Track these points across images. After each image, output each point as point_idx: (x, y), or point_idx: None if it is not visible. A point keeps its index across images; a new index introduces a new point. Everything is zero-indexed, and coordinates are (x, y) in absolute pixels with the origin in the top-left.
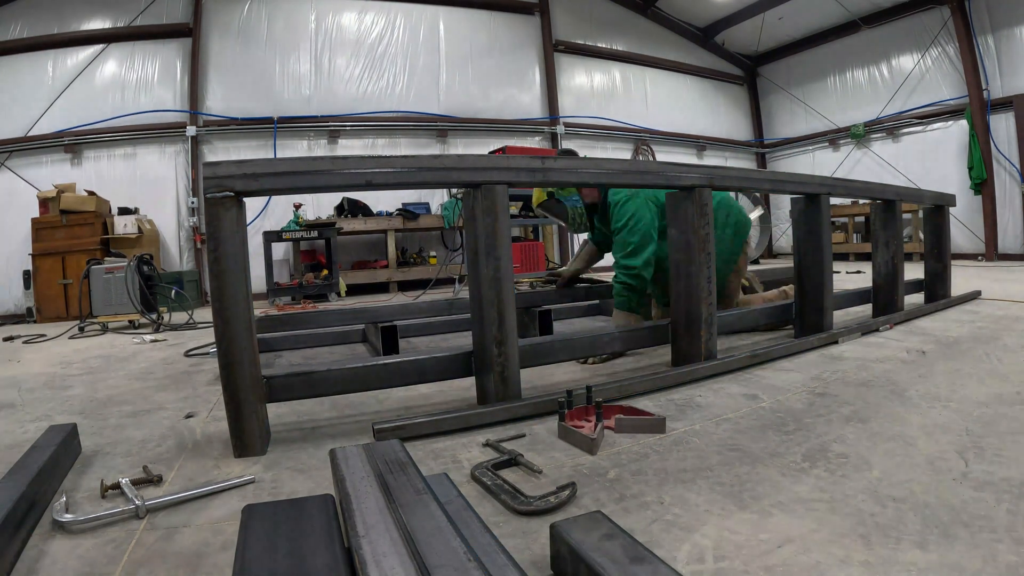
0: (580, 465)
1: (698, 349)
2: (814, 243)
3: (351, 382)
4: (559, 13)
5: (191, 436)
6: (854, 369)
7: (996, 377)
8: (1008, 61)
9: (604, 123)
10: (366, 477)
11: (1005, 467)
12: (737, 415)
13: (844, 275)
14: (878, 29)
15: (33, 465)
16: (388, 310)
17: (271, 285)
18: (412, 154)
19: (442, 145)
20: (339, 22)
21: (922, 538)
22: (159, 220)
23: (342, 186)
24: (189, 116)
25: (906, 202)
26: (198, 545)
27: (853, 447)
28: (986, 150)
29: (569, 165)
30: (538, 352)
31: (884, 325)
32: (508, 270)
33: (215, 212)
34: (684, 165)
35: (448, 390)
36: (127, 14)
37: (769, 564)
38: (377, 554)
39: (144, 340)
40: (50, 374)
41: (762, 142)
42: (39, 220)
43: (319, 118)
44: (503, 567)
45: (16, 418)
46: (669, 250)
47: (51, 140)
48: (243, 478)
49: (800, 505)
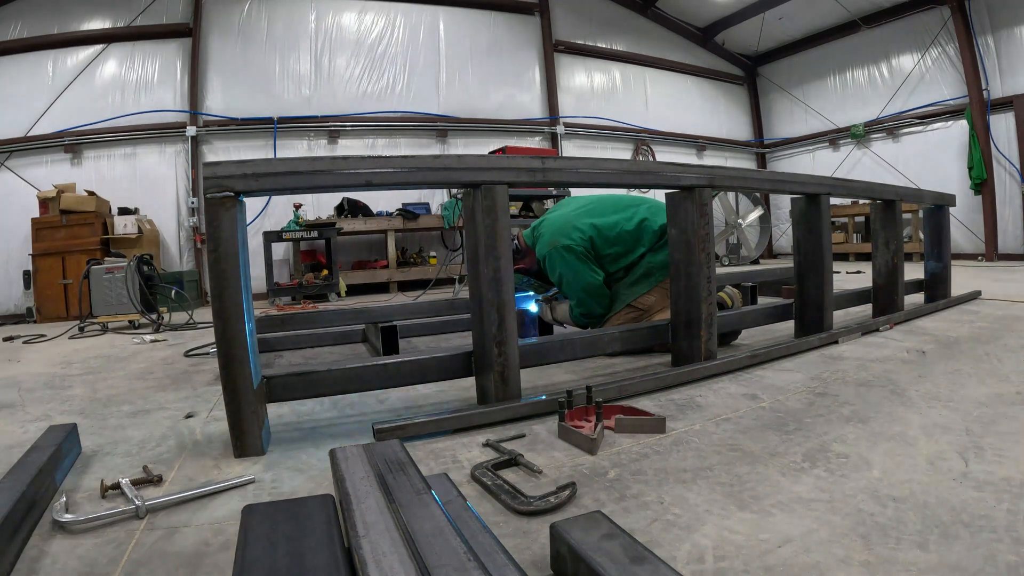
0: (580, 465)
1: (698, 349)
2: (814, 243)
3: (351, 382)
4: (559, 13)
5: (191, 436)
6: (854, 369)
7: (996, 377)
8: (1008, 61)
9: (604, 123)
10: (366, 477)
11: (1005, 467)
12: (737, 415)
13: (844, 275)
14: (878, 29)
15: (33, 465)
16: (388, 310)
17: (271, 285)
18: (412, 154)
19: (442, 145)
20: (339, 22)
21: (922, 538)
22: (159, 220)
23: (342, 186)
24: (189, 116)
25: (906, 202)
26: (198, 545)
27: (853, 447)
28: (986, 150)
29: (568, 165)
30: (538, 352)
31: (884, 325)
32: (508, 270)
33: (215, 212)
34: (684, 165)
35: (448, 390)
36: (127, 14)
37: (769, 564)
38: (377, 554)
39: (144, 340)
40: (50, 374)
41: (762, 142)
42: (39, 220)
43: (319, 118)
44: (503, 567)
45: (16, 418)
46: (669, 250)
47: (51, 140)
48: (243, 478)
49: (800, 505)
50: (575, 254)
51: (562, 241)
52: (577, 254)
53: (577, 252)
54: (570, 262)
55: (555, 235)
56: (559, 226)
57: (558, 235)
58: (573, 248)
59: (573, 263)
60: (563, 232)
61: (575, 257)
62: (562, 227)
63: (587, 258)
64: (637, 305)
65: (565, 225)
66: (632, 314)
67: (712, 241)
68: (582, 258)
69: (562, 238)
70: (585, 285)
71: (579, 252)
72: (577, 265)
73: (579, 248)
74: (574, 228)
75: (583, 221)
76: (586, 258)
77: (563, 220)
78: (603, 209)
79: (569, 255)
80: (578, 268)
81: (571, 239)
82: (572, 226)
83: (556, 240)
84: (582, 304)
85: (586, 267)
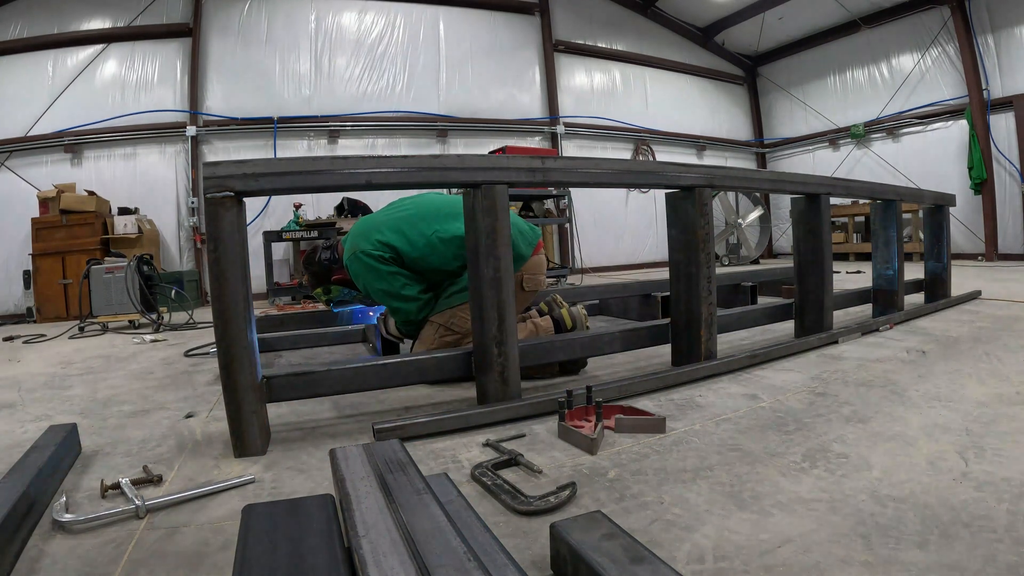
0: (580, 465)
1: (698, 349)
2: (814, 243)
3: (351, 382)
4: (559, 13)
5: (191, 436)
6: (854, 369)
7: (996, 377)
8: (1008, 61)
9: (604, 123)
10: (366, 477)
11: (1005, 467)
12: (737, 415)
13: (844, 275)
14: (878, 29)
15: (33, 465)
16: None
17: (271, 285)
18: (412, 154)
19: (442, 145)
20: (339, 22)
21: (922, 538)
22: (159, 220)
23: (342, 186)
24: (189, 116)
25: (906, 202)
26: (198, 545)
27: (853, 447)
28: (986, 150)
29: (568, 165)
30: (538, 352)
31: (884, 325)
32: (508, 270)
33: (215, 212)
34: (684, 165)
35: (448, 390)
36: (127, 14)
37: (769, 564)
38: (377, 554)
39: (144, 340)
40: (50, 374)
41: (762, 142)
42: (39, 220)
43: (319, 118)
44: (503, 567)
45: (16, 418)
46: (669, 250)
47: (51, 140)
48: (243, 478)
49: (800, 505)
50: (374, 259)
51: (361, 246)
52: (376, 258)
53: (375, 256)
54: (372, 267)
55: (355, 240)
56: (361, 231)
57: (358, 240)
58: (371, 253)
59: (374, 268)
60: (363, 236)
61: (375, 261)
62: (364, 232)
63: (388, 262)
64: (453, 328)
65: (368, 230)
66: (447, 337)
67: (712, 241)
68: (383, 262)
69: (362, 242)
70: (389, 291)
71: (377, 256)
72: (379, 270)
73: (377, 253)
74: (376, 231)
75: (389, 227)
76: (387, 262)
77: (367, 225)
78: (422, 215)
79: (368, 260)
80: (380, 273)
81: (370, 243)
82: (376, 230)
83: (356, 245)
84: (396, 313)
85: (387, 271)
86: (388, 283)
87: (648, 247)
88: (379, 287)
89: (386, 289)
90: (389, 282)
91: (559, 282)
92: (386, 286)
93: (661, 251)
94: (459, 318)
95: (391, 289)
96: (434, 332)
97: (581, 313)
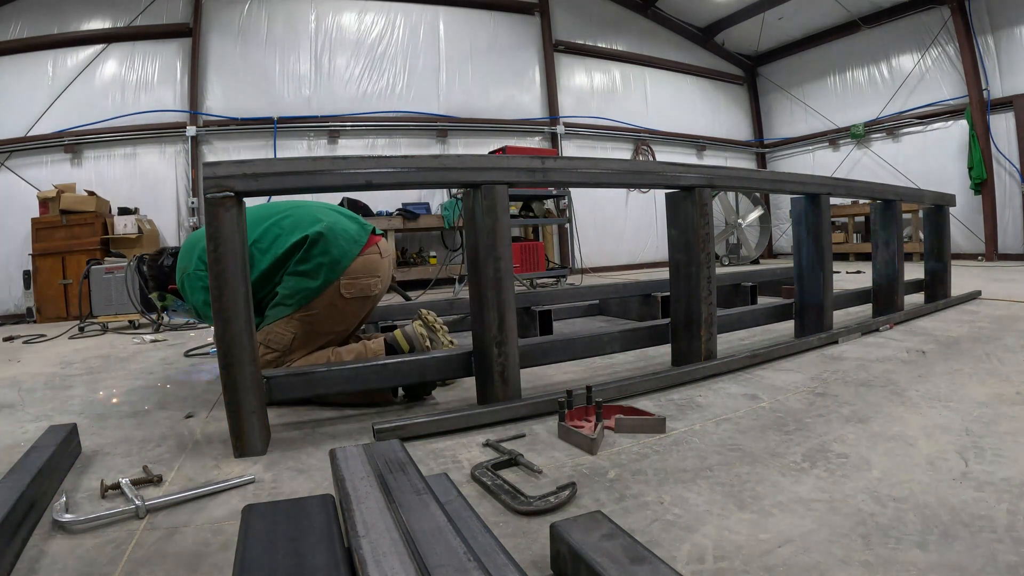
0: (580, 465)
1: (698, 349)
2: (814, 243)
3: (351, 382)
4: (559, 13)
5: (191, 436)
6: (854, 369)
7: (996, 377)
8: (1008, 61)
9: (604, 123)
10: (366, 477)
11: (1005, 467)
12: (737, 415)
13: (844, 275)
14: (878, 29)
15: (33, 465)
16: (388, 310)
17: None
18: (412, 154)
19: (442, 145)
20: (339, 22)
21: (922, 538)
22: (159, 220)
23: (342, 186)
24: (189, 116)
25: (906, 202)
26: (198, 545)
27: (853, 447)
28: (986, 150)
29: (568, 165)
30: (538, 352)
31: (884, 325)
32: (508, 270)
33: (215, 212)
34: (684, 165)
35: (448, 389)
36: (127, 14)
37: (769, 564)
38: (377, 554)
39: (144, 340)
40: (50, 374)
41: (762, 142)
42: (39, 220)
43: (319, 118)
44: (503, 567)
45: (16, 418)
46: (669, 250)
47: (51, 140)
48: (243, 478)
49: (800, 505)
50: (199, 278)
51: (186, 265)
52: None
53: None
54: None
55: (182, 261)
56: (185, 250)
57: (183, 259)
58: (191, 273)
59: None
60: (187, 256)
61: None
62: (186, 252)
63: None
64: (271, 345)
65: (190, 249)
66: (268, 355)
67: (712, 241)
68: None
69: (186, 260)
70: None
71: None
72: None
73: (202, 272)
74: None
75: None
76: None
77: (192, 240)
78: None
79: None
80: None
81: (192, 262)
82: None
83: (184, 266)
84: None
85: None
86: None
87: (648, 247)
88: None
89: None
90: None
91: (559, 282)
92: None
93: (661, 251)
94: (275, 334)
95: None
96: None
97: (419, 332)
